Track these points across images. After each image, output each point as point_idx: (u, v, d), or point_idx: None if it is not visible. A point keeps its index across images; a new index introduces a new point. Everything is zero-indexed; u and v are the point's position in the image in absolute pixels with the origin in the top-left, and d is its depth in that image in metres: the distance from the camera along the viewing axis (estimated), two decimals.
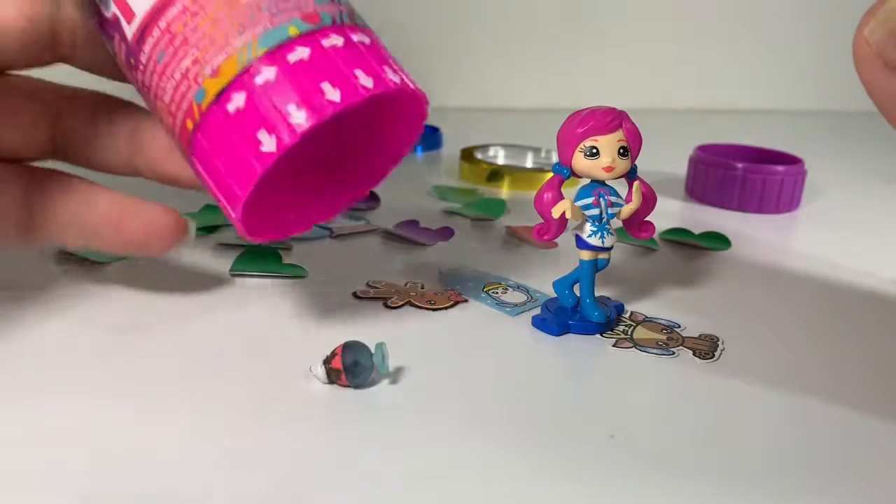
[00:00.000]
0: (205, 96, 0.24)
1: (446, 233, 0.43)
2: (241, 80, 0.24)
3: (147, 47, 0.25)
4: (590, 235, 0.31)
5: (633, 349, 0.31)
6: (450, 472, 0.23)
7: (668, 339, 0.32)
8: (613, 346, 0.31)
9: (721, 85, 0.94)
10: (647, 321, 0.33)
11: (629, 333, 0.32)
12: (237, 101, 0.24)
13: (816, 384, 0.29)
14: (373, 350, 0.27)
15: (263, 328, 0.31)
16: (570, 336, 0.31)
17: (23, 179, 0.29)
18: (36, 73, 0.29)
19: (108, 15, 0.25)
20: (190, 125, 0.25)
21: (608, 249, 0.31)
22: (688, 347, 0.31)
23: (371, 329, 0.31)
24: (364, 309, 0.33)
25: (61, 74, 0.30)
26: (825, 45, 0.96)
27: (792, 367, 0.30)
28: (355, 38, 0.25)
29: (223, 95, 0.24)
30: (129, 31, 0.25)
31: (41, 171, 0.30)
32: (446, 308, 0.33)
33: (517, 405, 0.26)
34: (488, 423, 0.25)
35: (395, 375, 0.27)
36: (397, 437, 0.24)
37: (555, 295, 0.33)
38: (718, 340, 0.32)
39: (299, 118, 0.23)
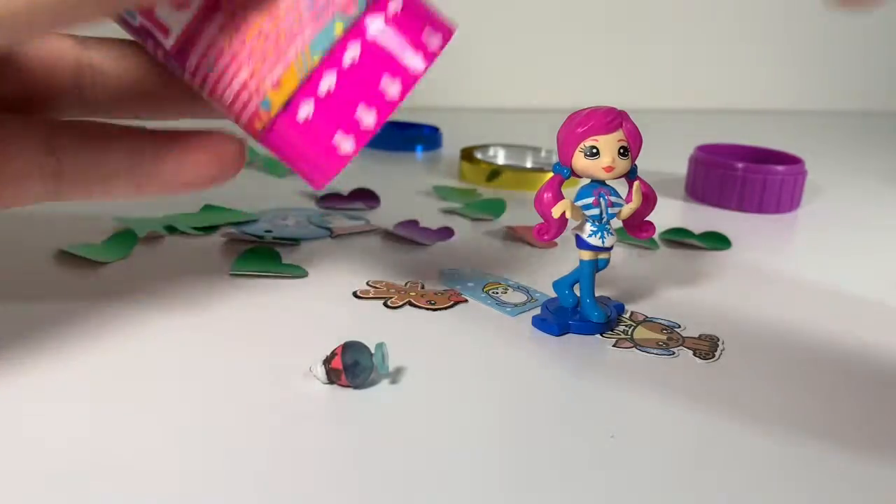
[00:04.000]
0: (271, 106, 0.25)
1: (446, 233, 0.43)
2: (305, 89, 0.24)
3: (192, 61, 0.25)
4: (590, 235, 0.31)
5: (634, 349, 0.31)
6: (450, 473, 0.23)
7: (669, 339, 0.32)
8: (613, 346, 0.31)
9: (721, 85, 0.94)
10: (647, 321, 0.33)
11: (629, 333, 0.32)
12: (306, 110, 0.25)
13: (816, 384, 0.29)
14: (373, 350, 0.27)
15: (263, 328, 0.31)
16: (570, 336, 0.31)
17: (43, 128, 0.27)
18: None
19: (135, 24, 0.25)
20: (259, 125, 0.25)
21: (608, 249, 0.31)
22: (688, 347, 0.31)
23: (371, 329, 0.31)
24: (364, 309, 0.33)
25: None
26: (825, 46, 0.96)
27: (791, 367, 0.30)
28: (391, 7, 0.25)
29: (290, 105, 0.25)
30: (167, 43, 0.25)
31: (66, 122, 0.27)
32: (446, 308, 0.33)
33: (517, 405, 0.26)
34: (488, 424, 0.25)
35: (394, 375, 0.27)
36: (397, 438, 0.24)
37: (555, 295, 0.33)
38: (719, 340, 0.32)
39: (369, 120, 0.25)
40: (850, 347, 0.32)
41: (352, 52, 0.24)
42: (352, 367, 0.26)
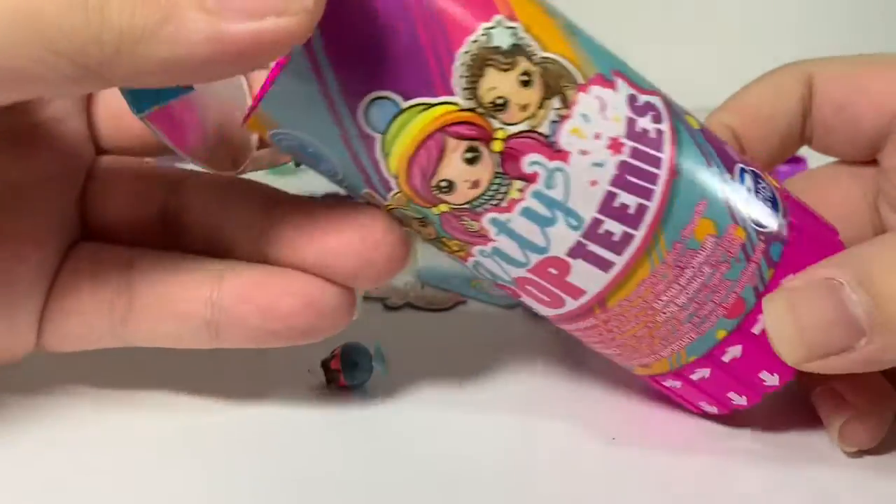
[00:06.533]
0: (634, 370, 0.25)
1: None
2: (673, 374, 0.24)
3: (565, 331, 0.25)
4: None
5: None
6: (449, 474, 0.22)
7: None
8: None
9: (721, 85, 0.94)
10: None
11: None
12: (671, 383, 0.25)
13: None
14: (371, 351, 0.26)
15: None
16: (572, 337, 0.31)
17: (123, 261, 0.23)
18: None
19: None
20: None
21: None
22: None
23: (370, 330, 0.30)
24: (363, 310, 0.33)
25: None
26: (825, 46, 0.96)
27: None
28: None
29: (656, 378, 0.25)
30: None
31: (150, 252, 0.24)
32: (446, 309, 0.33)
33: (517, 408, 0.26)
34: (488, 425, 0.25)
35: (394, 377, 0.27)
36: (396, 439, 0.24)
37: None
38: None
39: (740, 401, 0.24)
40: None
41: (732, 353, 0.23)
42: (350, 368, 0.26)
